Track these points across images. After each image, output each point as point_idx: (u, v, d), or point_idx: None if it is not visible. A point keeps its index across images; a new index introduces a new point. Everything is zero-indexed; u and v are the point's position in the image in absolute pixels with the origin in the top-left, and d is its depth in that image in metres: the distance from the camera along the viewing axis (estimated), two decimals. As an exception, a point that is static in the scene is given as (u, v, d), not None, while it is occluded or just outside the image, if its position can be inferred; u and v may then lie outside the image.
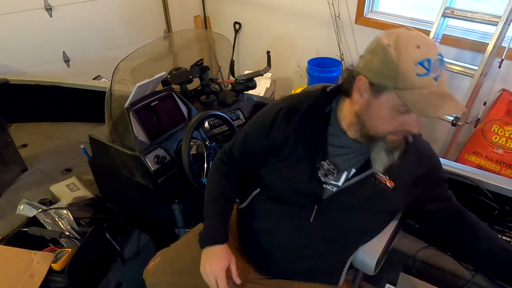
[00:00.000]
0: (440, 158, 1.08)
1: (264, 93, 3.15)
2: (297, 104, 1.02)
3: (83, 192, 1.79)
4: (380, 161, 0.90)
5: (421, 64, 0.76)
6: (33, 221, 1.48)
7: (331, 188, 0.97)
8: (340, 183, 0.97)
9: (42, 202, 1.70)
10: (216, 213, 1.06)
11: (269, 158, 1.07)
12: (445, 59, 0.81)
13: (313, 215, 0.97)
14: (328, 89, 1.01)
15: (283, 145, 1.01)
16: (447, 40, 2.34)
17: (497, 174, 2.20)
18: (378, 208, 0.99)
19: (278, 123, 1.02)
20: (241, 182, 1.17)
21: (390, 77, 0.79)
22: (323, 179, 0.96)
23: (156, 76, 1.48)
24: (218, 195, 1.10)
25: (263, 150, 1.07)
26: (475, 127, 2.34)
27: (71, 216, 1.50)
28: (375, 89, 0.83)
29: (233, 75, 1.80)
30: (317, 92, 1.02)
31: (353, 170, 0.96)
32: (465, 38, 2.33)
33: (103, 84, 2.54)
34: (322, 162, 0.96)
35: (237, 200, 1.21)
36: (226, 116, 1.52)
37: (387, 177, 0.94)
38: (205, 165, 1.42)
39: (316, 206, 0.97)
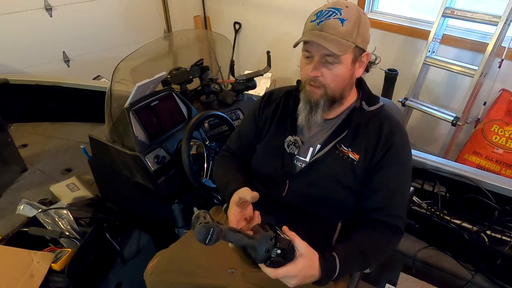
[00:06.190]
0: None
1: (264, 93, 3.14)
2: (277, 90, 1.16)
3: (83, 192, 1.79)
4: (302, 113, 1.00)
5: (316, 14, 0.92)
6: (33, 221, 1.48)
7: (301, 164, 1.04)
8: (307, 159, 1.03)
9: (42, 202, 1.70)
10: (230, 180, 1.08)
11: (257, 146, 1.14)
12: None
13: (285, 190, 1.04)
14: None
15: (263, 127, 1.12)
16: (447, 40, 2.34)
17: (497, 174, 2.20)
18: (344, 181, 0.99)
19: (262, 108, 1.14)
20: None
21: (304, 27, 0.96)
22: (288, 150, 1.04)
23: (156, 76, 1.48)
24: (225, 170, 1.15)
25: (254, 142, 1.15)
26: (475, 127, 2.34)
27: (71, 216, 1.50)
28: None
29: (233, 75, 1.80)
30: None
31: (318, 146, 1.03)
32: (465, 38, 2.32)
33: (103, 84, 2.54)
34: (288, 137, 1.04)
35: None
36: (226, 116, 1.52)
37: (350, 150, 0.99)
38: (205, 165, 1.42)
39: (288, 181, 1.03)
